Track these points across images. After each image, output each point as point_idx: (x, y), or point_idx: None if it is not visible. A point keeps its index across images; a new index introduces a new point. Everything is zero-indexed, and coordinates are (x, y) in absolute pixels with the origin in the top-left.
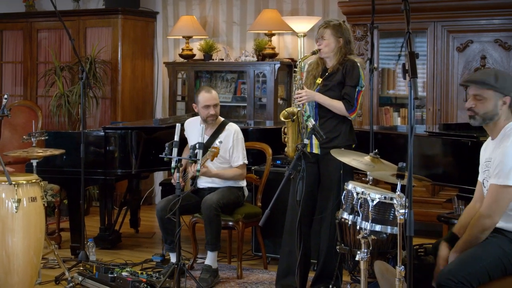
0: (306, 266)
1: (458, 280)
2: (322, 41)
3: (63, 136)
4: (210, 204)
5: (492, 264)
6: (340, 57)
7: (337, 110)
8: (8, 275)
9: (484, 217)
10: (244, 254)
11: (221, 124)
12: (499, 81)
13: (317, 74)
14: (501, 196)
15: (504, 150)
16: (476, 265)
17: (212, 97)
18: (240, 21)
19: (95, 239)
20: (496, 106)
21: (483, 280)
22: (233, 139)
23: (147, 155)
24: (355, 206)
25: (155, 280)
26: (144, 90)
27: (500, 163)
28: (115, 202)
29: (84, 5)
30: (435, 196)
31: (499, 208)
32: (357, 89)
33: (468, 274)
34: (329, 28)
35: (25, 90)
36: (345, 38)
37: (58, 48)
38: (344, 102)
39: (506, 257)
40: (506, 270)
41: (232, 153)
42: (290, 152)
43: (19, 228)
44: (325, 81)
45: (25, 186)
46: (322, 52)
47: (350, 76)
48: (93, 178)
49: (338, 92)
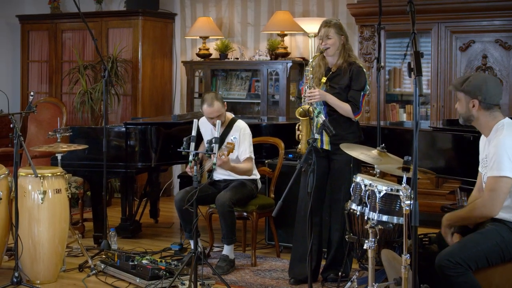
0: (318, 255)
1: (456, 262)
2: (328, 40)
3: (86, 131)
4: (224, 202)
5: (490, 249)
6: (345, 54)
7: (344, 112)
8: (34, 262)
9: (485, 207)
10: (258, 243)
11: (231, 121)
12: (465, 85)
13: (321, 75)
14: (499, 186)
15: (497, 144)
16: (474, 249)
17: (213, 110)
18: (254, 22)
19: (116, 229)
20: (468, 108)
21: (481, 264)
22: (240, 134)
23: (166, 149)
24: (363, 197)
25: (173, 268)
26: (163, 88)
27: (493, 156)
28: (136, 193)
29: (106, 7)
30: (439, 188)
31: (498, 198)
32: (361, 93)
33: (467, 256)
34: (333, 27)
35: (50, 87)
36: (345, 35)
37: (81, 48)
38: (351, 105)
39: (505, 243)
40: (504, 256)
41: (239, 147)
42: (303, 149)
43: (45, 218)
44: (330, 82)
45: (50, 179)
46: (328, 51)
47: (356, 81)
48: (115, 171)
49: (345, 96)
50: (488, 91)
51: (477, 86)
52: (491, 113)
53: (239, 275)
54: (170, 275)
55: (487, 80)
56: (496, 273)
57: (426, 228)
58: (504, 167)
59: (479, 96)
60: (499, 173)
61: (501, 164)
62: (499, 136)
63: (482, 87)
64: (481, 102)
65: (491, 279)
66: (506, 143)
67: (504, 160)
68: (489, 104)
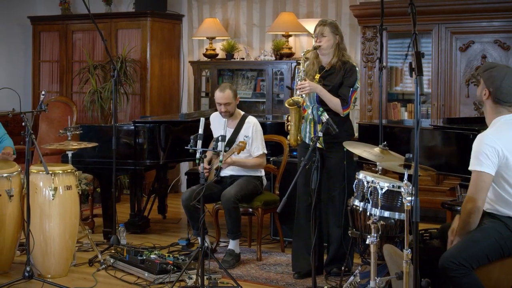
0: (320, 249)
1: (460, 263)
2: (322, 38)
3: (96, 130)
4: (229, 198)
5: (490, 247)
6: (339, 53)
7: (333, 105)
8: (46, 257)
9: (467, 201)
10: (263, 238)
11: (242, 117)
12: (487, 73)
13: (314, 72)
14: (477, 180)
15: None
16: (475, 247)
17: (223, 96)
18: (260, 23)
19: (125, 224)
20: (481, 94)
21: (482, 262)
22: (252, 131)
23: (173, 147)
24: (365, 194)
25: (181, 262)
26: (171, 87)
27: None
28: (144, 190)
29: (116, 8)
30: (440, 185)
31: (478, 191)
32: (351, 89)
33: (468, 256)
34: (328, 26)
35: (61, 87)
36: (340, 35)
37: (91, 48)
38: (340, 99)
39: (503, 239)
40: (503, 252)
41: (251, 144)
42: (292, 140)
43: (56, 214)
44: (324, 79)
45: (61, 176)
46: (322, 48)
47: (348, 79)
48: (124, 168)
49: (337, 93)
50: (501, 87)
51: (494, 78)
52: (497, 107)
53: (244, 269)
54: (178, 270)
55: (506, 77)
56: (495, 268)
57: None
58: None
59: (491, 88)
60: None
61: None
62: (486, 131)
63: (497, 81)
64: (491, 94)
65: (490, 274)
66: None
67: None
68: (498, 99)
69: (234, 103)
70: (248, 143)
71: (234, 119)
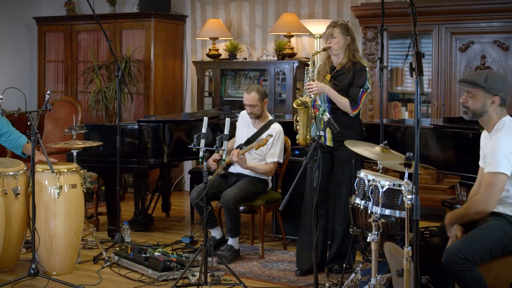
0: (324, 247)
1: (464, 257)
2: (332, 39)
3: (100, 129)
4: (228, 199)
5: (494, 243)
6: (350, 54)
7: (342, 106)
8: (51, 255)
9: (481, 202)
10: (265, 236)
11: (268, 122)
12: (488, 82)
13: (325, 72)
14: (495, 182)
15: (496, 141)
16: (479, 243)
17: (248, 98)
18: (262, 23)
19: (129, 222)
20: (485, 104)
21: (485, 258)
22: (275, 136)
23: (177, 146)
24: (366, 192)
25: (184, 260)
26: (174, 87)
27: (492, 152)
28: (148, 188)
29: (120, 9)
30: (440, 183)
31: (494, 194)
32: (361, 89)
33: (473, 251)
34: (338, 27)
35: (66, 86)
36: (352, 36)
37: (96, 48)
38: (350, 99)
39: (507, 237)
40: (506, 249)
41: (269, 149)
42: (301, 140)
43: (61, 212)
44: (334, 79)
45: (66, 174)
46: (332, 49)
47: (358, 79)
48: (128, 166)
49: (347, 93)
50: (507, 88)
51: (499, 84)
52: (502, 109)
53: (247, 266)
54: (181, 267)
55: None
56: (494, 265)
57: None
58: (501, 164)
59: (501, 93)
60: (495, 169)
61: (497, 161)
62: (499, 133)
63: (503, 85)
64: (501, 99)
65: (490, 270)
66: (503, 141)
67: (500, 157)
68: (505, 101)
69: (260, 106)
70: (267, 144)
71: (261, 121)
